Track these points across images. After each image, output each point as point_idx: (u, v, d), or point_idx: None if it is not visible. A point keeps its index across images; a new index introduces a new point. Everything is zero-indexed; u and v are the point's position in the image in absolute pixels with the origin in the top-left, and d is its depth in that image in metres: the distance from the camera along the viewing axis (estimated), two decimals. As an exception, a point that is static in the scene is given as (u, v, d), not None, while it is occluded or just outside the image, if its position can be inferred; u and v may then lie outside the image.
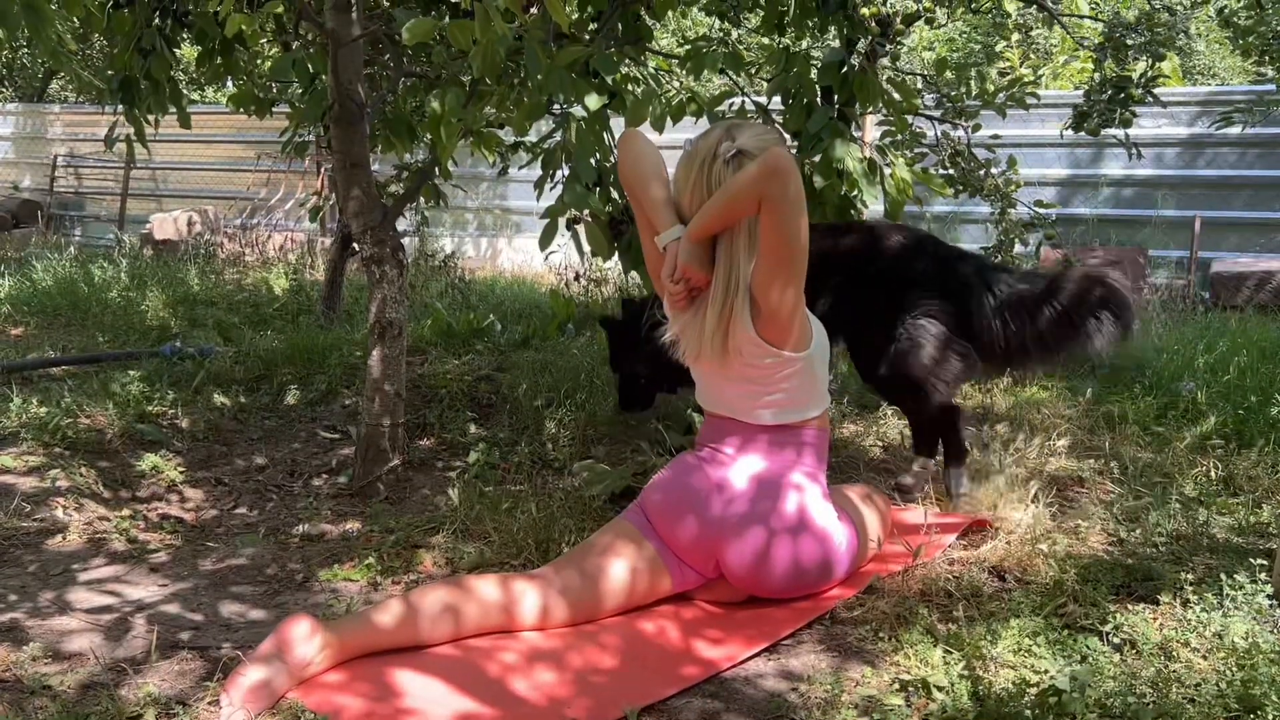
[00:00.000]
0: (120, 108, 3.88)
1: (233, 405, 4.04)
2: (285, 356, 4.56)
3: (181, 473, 3.47)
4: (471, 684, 1.96)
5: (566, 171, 2.84)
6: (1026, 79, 5.35)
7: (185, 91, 12.26)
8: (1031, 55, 8.65)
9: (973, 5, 4.98)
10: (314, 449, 3.79)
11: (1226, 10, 5.11)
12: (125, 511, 3.13)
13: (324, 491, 3.41)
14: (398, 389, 3.44)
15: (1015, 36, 6.91)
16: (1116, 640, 2.04)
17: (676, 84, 3.94)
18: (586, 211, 2.77)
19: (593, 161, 2.99)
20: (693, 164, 2.28)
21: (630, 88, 3.25)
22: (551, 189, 2.94)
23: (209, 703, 1.88)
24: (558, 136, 3.15)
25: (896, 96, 3.34)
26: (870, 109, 3.49)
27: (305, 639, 1.96)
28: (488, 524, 2.77)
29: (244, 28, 2.39)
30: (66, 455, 3.40)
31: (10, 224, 10.31)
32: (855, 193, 3.11)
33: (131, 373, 4.17)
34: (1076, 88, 8.60)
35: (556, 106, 3.28)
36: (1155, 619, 2.13)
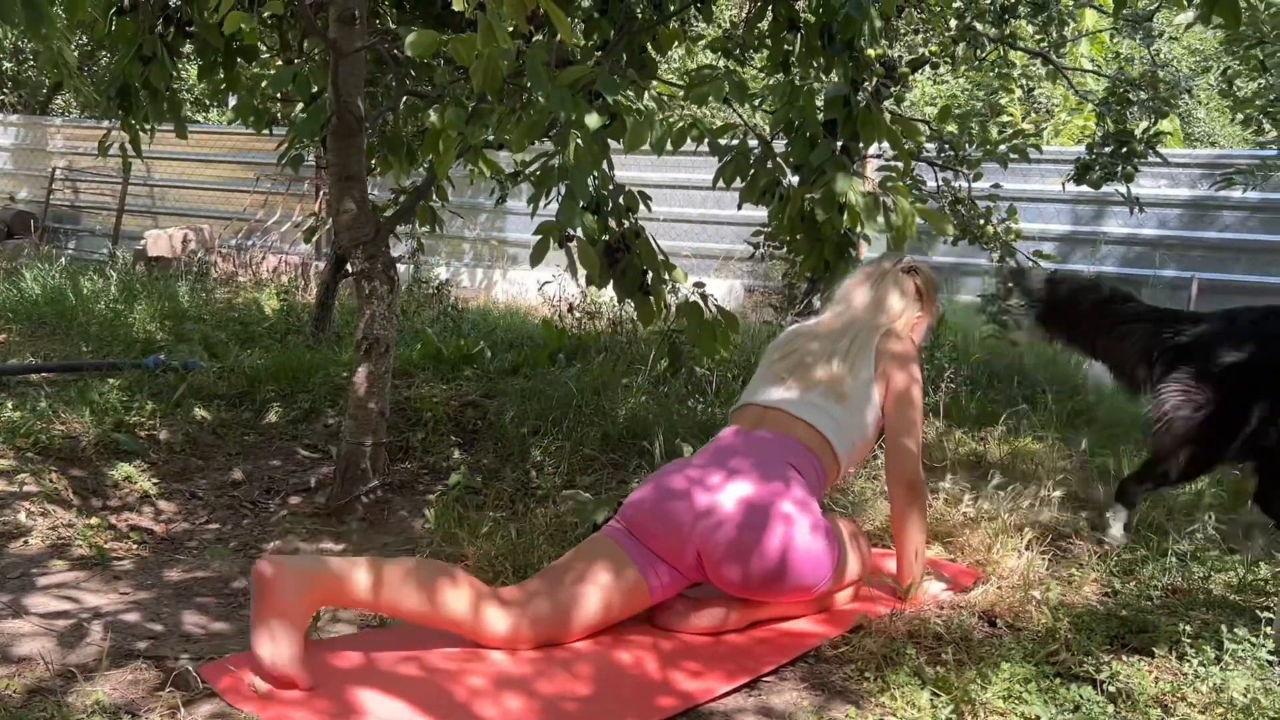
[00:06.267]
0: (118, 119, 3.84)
1: (213, 420, 3.95)
2: (270, 374, 4.48)
3: (155, 484, 3.39)
4: (436, 707, 1.87)
5: (563, 190, 2.80)
6: (1029, 132, 5.37)
7: (189, 112, 12.29)
8: (1033, 113, 8.69)
9: (979, 54, 5.00)
10: (293, 467, 3.71)
11: (1230, 72, 5.14)
12: (93, 520, 3.04)
13: (300, 510, 3.33)
14: (381, 408, 3.37)
15: (1018, 92, 6.94)
16: (1111, 690, 1.96)
17: (679, 111, 3.91)
18: (580, 231, 2.72)
19: (591, 184, 2.95)
20: (870, 273, 2.71)
21: (634, 114, 3.21)
22: (546, 206, 2.89)
23: (162, 714, 1.78)
24: (557, 160, 3.11)
25: (899, 134, 3.31)
26: (873, 145, 3.47)
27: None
28: (465, 547, 2.68)
29: (243, 26, 2.35)
30: (38, 460, 3.31)
31: (3, 234, 10.25)
32: (857, 227, 3.07)
33: (112, 382, 4.08)
34: (1077, 143, 8.63)
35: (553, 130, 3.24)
36: (1151, 671, 2.05)
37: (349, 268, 3.59)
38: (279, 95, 4.59)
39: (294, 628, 1.90)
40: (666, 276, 3.34)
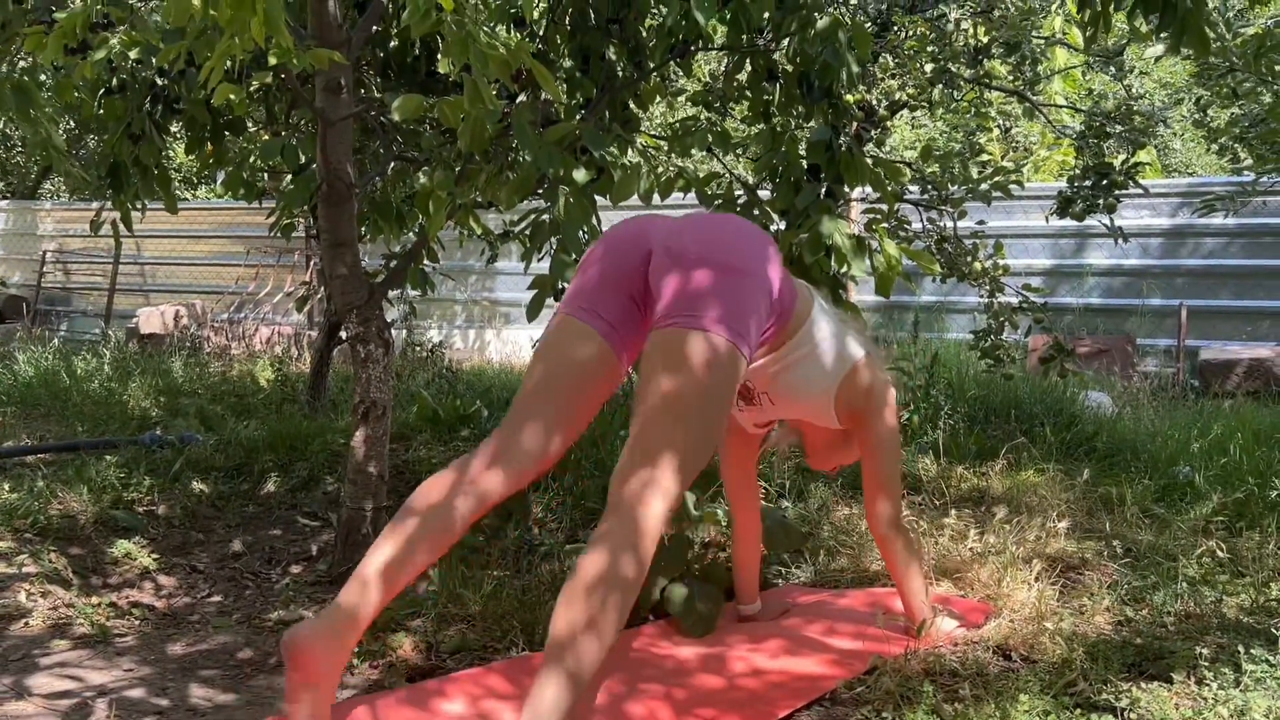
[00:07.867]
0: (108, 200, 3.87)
1: (211, 492, 3.93)
2: (267, 444, 4.46)
3: (155, 559, 3.36)
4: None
5: (555, 244, 2.83)
6: (1009, 169, 5.44)
7: (177, 189, 12.40)
8: (1012, 151, 8.82)
9: (955, 96, 5.08)
10: (293, 536, 3.68)
11: (1203, 100, 5.24)
12: (94, 598, 3.01)
13: (302, 578, 3.30)
14: (380, 471, 3.35)
15: (996, 131, 7.04)
16: (1132, 717, 1.94)
17: (664, 162, 3.96)
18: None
19: (581, 238, 2.98)
20: None
21: (620, 168, 3.25)
22: (539, 261, 2.92)
23: (169, 790, 1.75)
24: (547, 217, 3.15)
25: (883, 176, 3.35)
26: (857, 188, 3.51)
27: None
28: (471, 607, 2.66)
29: (232, 97, 2.38)
30: (36, 541, 3.29)
31: (-4, 319, 10.27)
32: (844, 269, 3.09)
33: (108, 459, 4.07)
34: (1057, 178, 8.75)
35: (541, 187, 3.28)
36: (1171, 697, 2.04)
37: (343, 334, 3.59)
38: (267, 167, 4.63)
39: (325, 695, 1.90)
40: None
